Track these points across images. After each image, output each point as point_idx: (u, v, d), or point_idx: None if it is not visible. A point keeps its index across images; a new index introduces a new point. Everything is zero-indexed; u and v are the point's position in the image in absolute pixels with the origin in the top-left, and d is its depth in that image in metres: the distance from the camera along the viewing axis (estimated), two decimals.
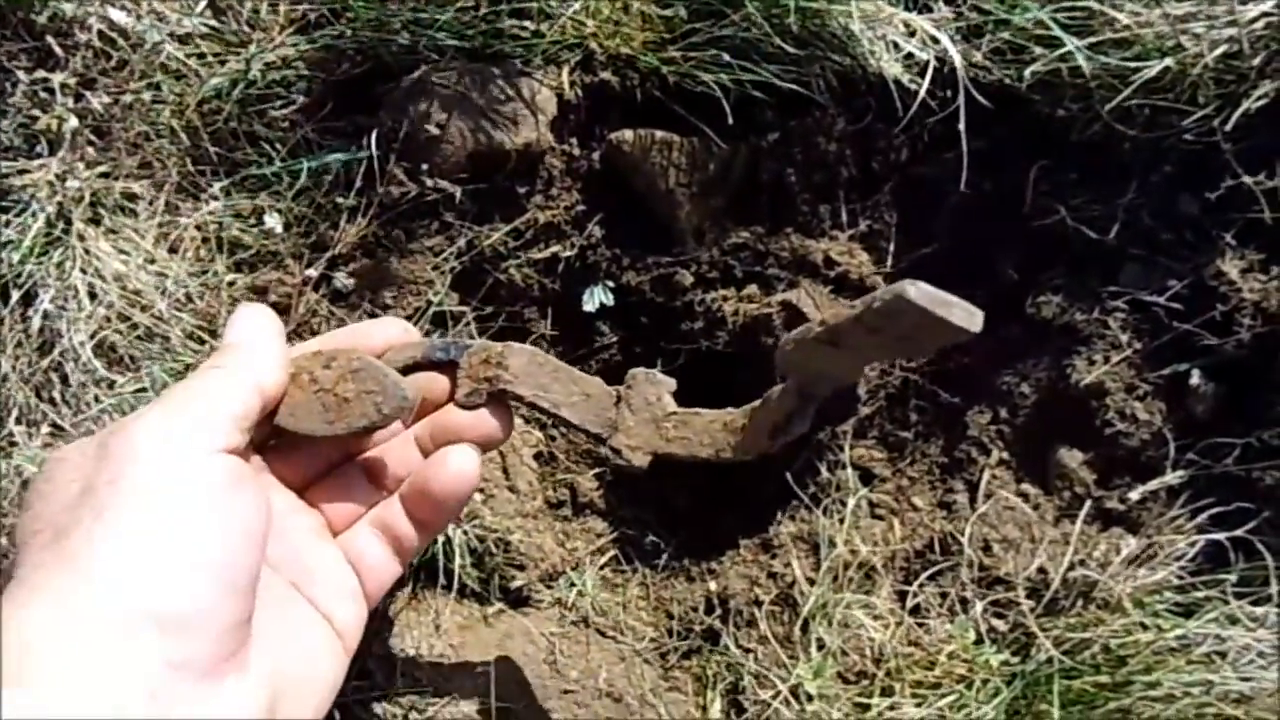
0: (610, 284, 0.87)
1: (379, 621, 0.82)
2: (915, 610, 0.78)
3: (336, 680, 0.50)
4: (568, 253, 0.86)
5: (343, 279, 0.83)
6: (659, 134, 0.82)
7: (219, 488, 0.42)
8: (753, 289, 0.84)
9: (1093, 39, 0.73)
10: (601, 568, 0.90)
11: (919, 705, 0.72)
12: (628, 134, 0.82)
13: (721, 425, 0.60)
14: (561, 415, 0.59)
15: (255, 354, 0.49)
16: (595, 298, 0.87)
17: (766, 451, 0.58)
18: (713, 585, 0.86)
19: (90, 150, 0.83)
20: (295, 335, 0.83)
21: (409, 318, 0.83)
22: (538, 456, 0.91)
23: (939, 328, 0.44)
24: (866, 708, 0.73)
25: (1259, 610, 0.71)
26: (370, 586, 0.55)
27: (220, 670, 0.40)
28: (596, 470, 0.92)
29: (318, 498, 0.55)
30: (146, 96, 0.83)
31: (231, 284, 0.82)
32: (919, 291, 0.43)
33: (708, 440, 0.59)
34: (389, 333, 0.58)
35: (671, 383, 0.61)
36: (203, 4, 0.85)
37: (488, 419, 0.57)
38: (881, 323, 0.45)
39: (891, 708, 0.72)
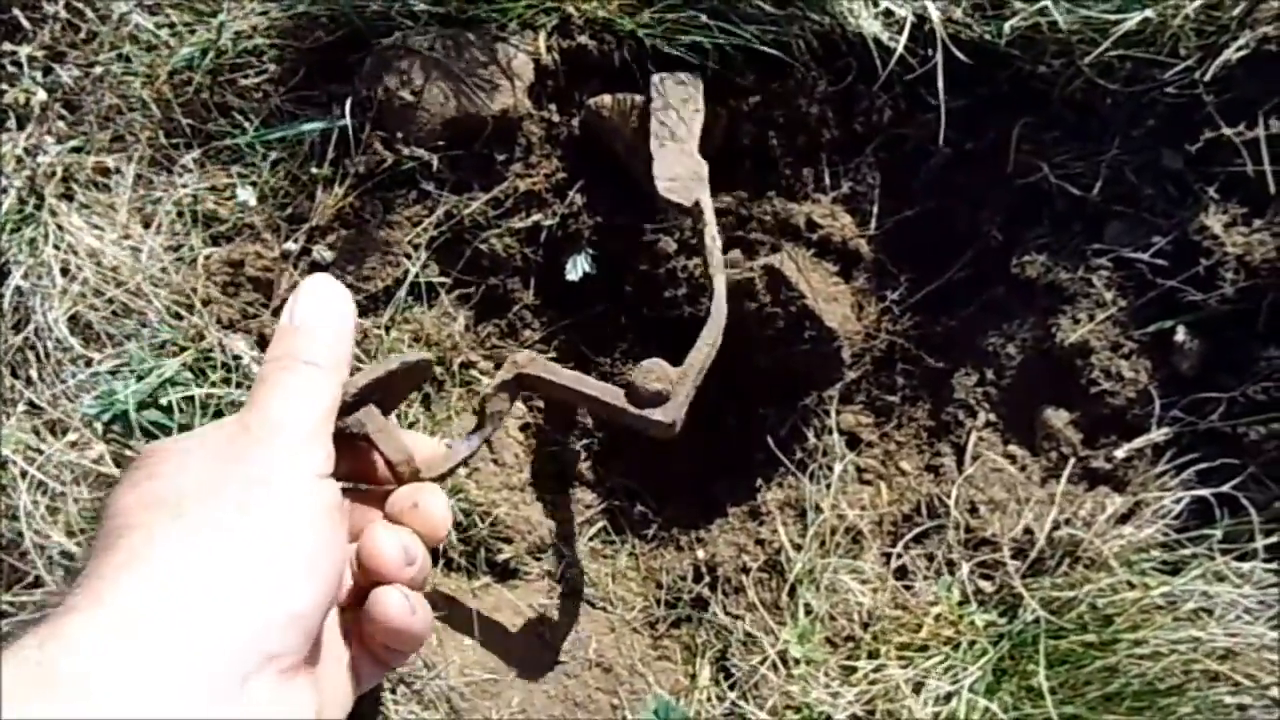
0: (593, 252, 0.86)
1: None
2: (902, 573, 0.78)
3: (346, 706, 0.51)
4: (549, 221, 0.85)
5: (322, 251, 0.82)
6: (637, 97, 0.81)
7: (333, 508, 0.45)
8: (735, 254, 0.83)
9: None
10: (590, 539, 0.89)
11: (905, 667, 0.72)
12: (606, 98, 0.81)
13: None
14: (584, 390, 0.63)
15: (338, 349, 0.49)
16: (578, 267, 0.86)
17: None
18: (701, 554, 0.86)
19: (60, 124, 0.82)
20: (278, 312, 0.82)
21: (388, 289, 0.82)
22: (524, 428, 0.91)
23: (681, 87, 0.79)
24: (853, 670, 0.73)
25: (1245, 566, 0.70)
26: (356, 677, 0.53)
27: (300, 668, 0.43)
28: (585, 441, 0.92)
29: None
30: (116, 68, 0.82)
31: (208, 258, 0.81)
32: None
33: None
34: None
35: None
36: None
37: (376, 546, 0.51)
38: (660, 98, 0.79)
39: (878, 670, 0.72)
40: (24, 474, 0.76)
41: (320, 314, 0.49)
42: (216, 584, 0.39)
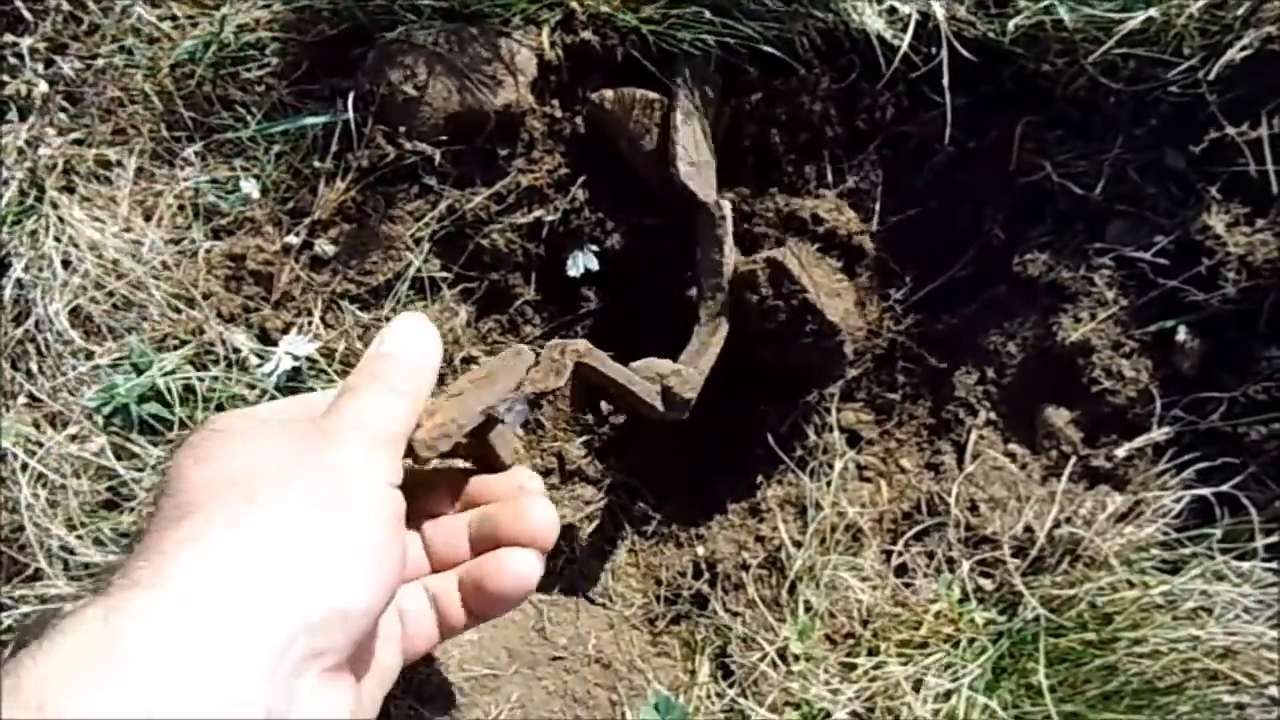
0: (595, 248, 0.86)
1: None
2: (902, 571, 0.78)
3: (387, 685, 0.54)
4: (551, 217, 0.85)
5: (323, 245, 0.82)
6: (639, 92, 0.80)
7: (395, 517, 0.46)
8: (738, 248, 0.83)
9: None
10: (589, 535, 0.89)
11: (905, 664, 0.72)
12: (608, 93, 0.81)
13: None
14: (630, 387, 0.69)
15: (418, 378, 0.51)
16: (580, 263, 0.86)
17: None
18: (701, 550, 0.86)
19: (62, 116, 0.82)
20: (279, 305, 0.82)
21: (389, 283, 0.82)
22: (524, 424, 0.91)
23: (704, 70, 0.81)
24: (853, 668, 0.73)
25: (1245, 565, 0.71)
26: (409, 643, 0.56)
27: (343, 671, 0.44)
28: (584, 438, 0.92)
29: None
30: (118, 61, 0.82)
31: (209, 251, 0.81)
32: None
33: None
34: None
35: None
36: None
37: (537, 518, 0.56)
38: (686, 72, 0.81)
39: (877, 667, 0.72)
40: (24, 467, 0.75)
41: (404, 345, 0.51)
42: (276, 574, 0.40)
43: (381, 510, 0.45)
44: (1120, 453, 0.75)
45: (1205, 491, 0.72)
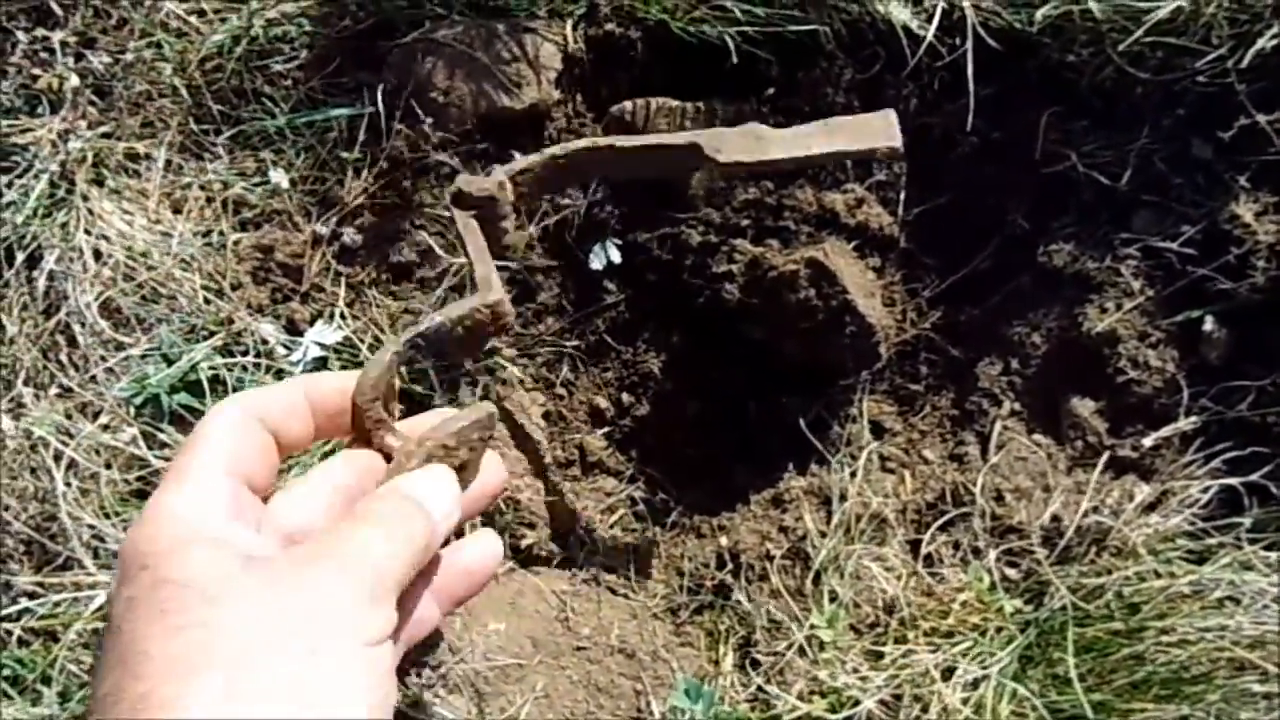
0: (617, 242, 0.87)
1: None
2: (928, 560, 0.78)
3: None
4: (574, 209, 0.85)
5: (351, 235, 0.82)
6: (656, 101, 0.80)
7: (368, 687, 0.35)
8: (763, 248, 0.83)
9: None
10: (612, 526, 0.89)
11: (933, 652, 0.72)
12: (628, 105, 0.81)
13: None
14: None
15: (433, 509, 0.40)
16: (602, 256, 0.87)
17: None
18: (724, 541, 0.86)
19: (92, 110, 0.83)
20: (307, 296, 0.83)
21: (415, 272, 0.83)
22: (546, 416, 0.91)
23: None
24: (880, 656, 0.73)
25: (1272, 555, 0.70)
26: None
27: None
28: (605, 429, 0.92)
29: None
30: (148, 55, 0.83)
31: (237, 243, 0.82)
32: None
33: None
34: None
35: None
36: None
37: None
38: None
39: (905, 655, 0.72)
40: (57, 456, 0.76)
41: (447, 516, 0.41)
42: None
43: (362, 684, 0.35)
44: (1147, 442, 0.75)
45: (1233, 481, 0.72)
